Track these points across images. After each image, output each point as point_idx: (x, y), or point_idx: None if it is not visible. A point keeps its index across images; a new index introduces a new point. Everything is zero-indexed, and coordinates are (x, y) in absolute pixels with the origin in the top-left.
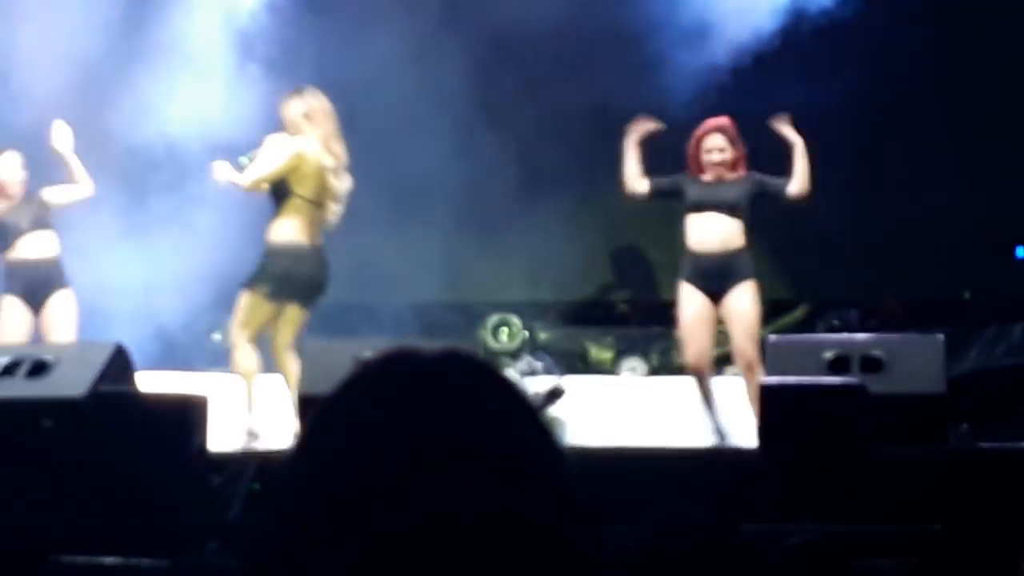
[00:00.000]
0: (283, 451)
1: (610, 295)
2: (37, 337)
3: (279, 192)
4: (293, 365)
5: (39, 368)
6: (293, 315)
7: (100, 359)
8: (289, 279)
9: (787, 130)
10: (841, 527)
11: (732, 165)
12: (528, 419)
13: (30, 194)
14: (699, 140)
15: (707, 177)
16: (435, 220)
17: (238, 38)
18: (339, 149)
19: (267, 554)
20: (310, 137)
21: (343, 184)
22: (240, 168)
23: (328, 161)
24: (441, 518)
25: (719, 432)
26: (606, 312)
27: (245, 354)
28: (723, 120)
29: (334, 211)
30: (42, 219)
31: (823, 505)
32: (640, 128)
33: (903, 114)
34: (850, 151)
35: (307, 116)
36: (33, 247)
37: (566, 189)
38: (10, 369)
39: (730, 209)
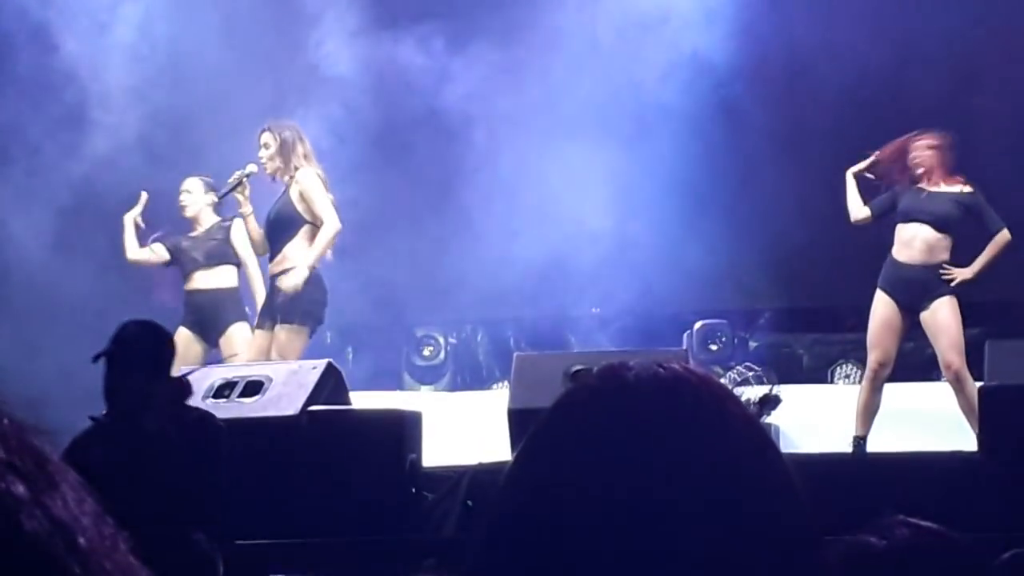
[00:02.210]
0: (495, 465)
1: (822, 301)
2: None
3: (296, 222)
4: None
5: (253, 388)
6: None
7: (312, 378)
8: (322, 303)
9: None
10: None
11: (940, 170)
12: (747, 429)
13: (222, 223)
14: (905, 145)
15: (922, 186)
16: (643, 225)
17: None
18: None
19: (483, 568)
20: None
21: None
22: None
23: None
24: (662, 531)
25: (860, 444)
26: (819, 318)
27: None
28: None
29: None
30: (221, 252)
31: None
32: (857, 168)
33: None
34: None
35: (306, 157)
36: (208, 279)
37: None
38: (224, 390)
39: (939, 222)
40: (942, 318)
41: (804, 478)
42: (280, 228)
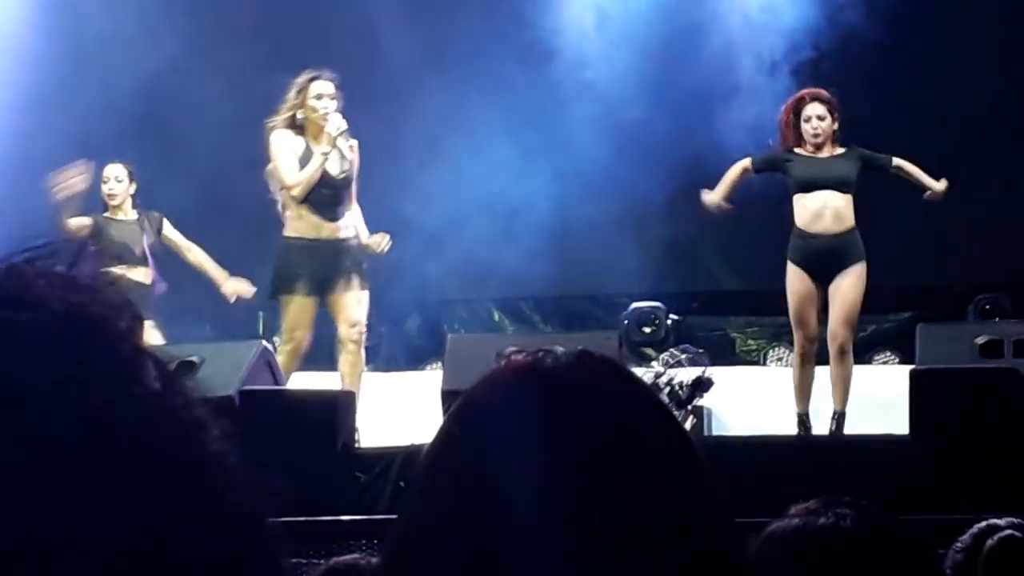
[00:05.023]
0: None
1: (757, 284)
2: None
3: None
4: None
5: (185, 368)
6: None
7: (246, 358)
8: None
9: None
10: (996, 515)
11: (832, 137)
12: (654, 410)
13: (147, 216)
14: (795, 108)
15: (811, 151)
16: (575, 210)
17: None
18: None
19: (404, 545)
20: None
21: None
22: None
23: None
24: (572, 510)
25: (806, 419)
26: (753, 301)
27: None
28: (820, 90)
29: None
30: (140, 250)
31: (977, 493)
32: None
33: None
34: (1007, 132)
35: None
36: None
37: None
38: None
39: (842, 186)
40: (845, 287)
41: (737, 461)
42: (349, 191)
